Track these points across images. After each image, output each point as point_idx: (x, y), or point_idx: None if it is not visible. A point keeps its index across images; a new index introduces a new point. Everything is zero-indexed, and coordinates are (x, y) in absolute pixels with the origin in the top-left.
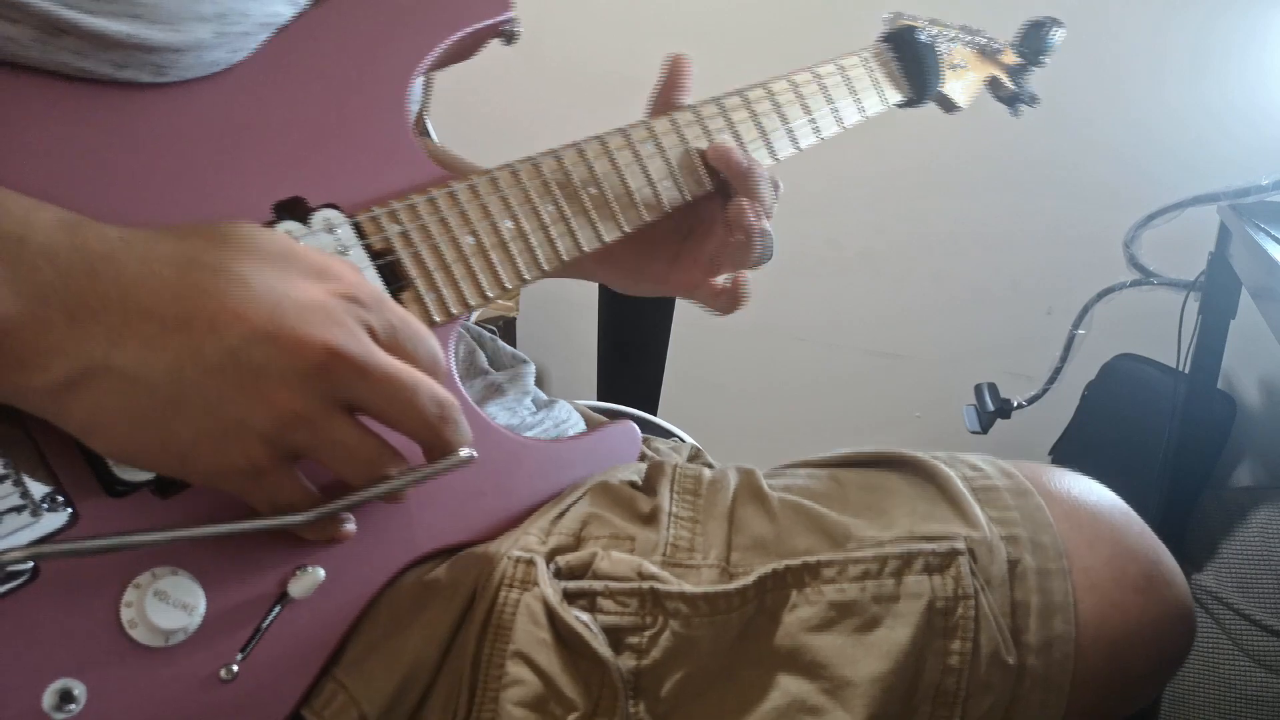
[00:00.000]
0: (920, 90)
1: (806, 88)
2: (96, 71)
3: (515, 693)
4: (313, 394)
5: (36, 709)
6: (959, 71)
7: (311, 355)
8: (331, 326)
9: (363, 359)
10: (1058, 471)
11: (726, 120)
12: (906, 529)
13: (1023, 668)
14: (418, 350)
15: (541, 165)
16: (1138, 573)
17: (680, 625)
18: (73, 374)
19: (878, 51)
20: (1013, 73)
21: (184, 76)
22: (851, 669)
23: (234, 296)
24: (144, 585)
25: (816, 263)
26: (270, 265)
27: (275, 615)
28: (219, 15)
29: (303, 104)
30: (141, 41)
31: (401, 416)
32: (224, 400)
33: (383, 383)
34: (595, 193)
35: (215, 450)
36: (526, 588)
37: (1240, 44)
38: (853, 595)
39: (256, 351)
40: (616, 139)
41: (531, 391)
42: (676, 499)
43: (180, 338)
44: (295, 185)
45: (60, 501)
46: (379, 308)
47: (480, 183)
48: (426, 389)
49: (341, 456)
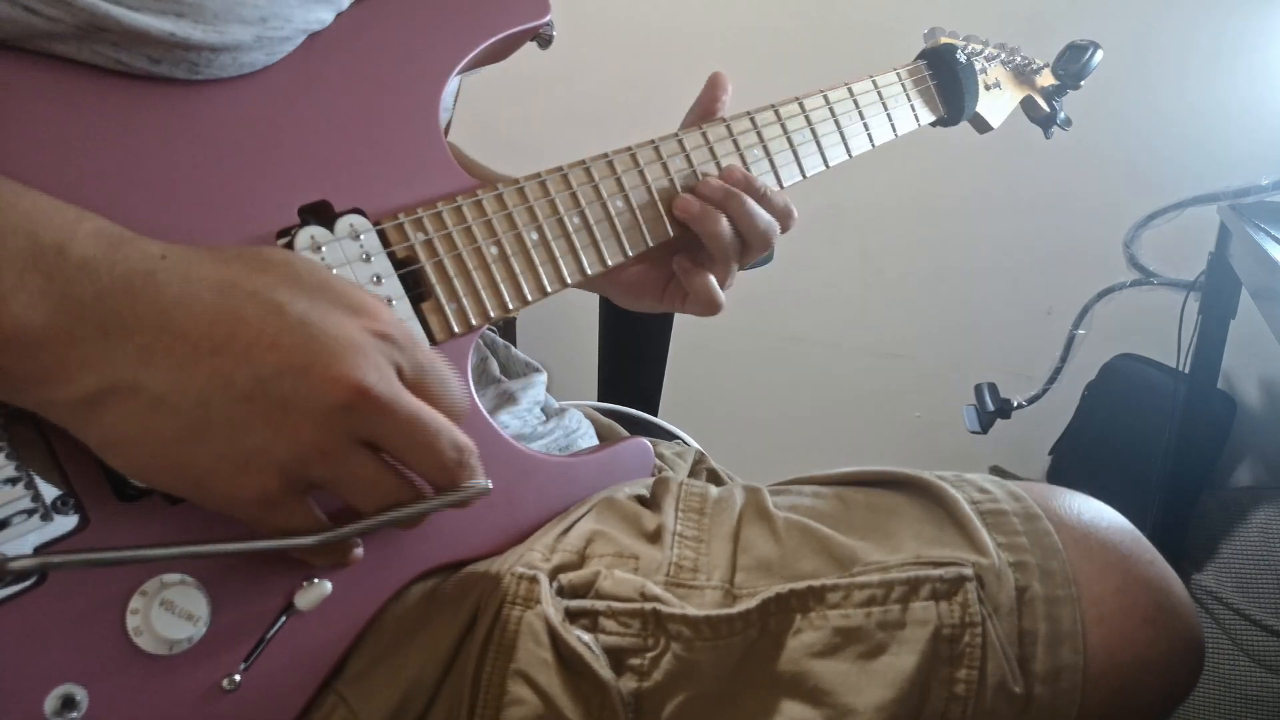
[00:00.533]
0: (956, 111)
1: (841, 105)
2: (133, 65)
3: (515, 712)
4: (336, 430)
5: (38, 714)
6: (994, 92)
7: (340, 393)
8: (362, 364)
9: (389, 400)
10: (1068, 495)
11: (759, 135)
12: (913, 553)
13: (1029, 697)
14: (445, 392)
15: (570, 176)
16: (1148, 603)
17: (682, 648)
18: (100, 389)
19: (914, 70)
20: (1048, 94)
21: (217, 76)
22: (855, 697)
23: (270, 325)
24: (150, 593)
25: (817, 263)
26: (307, 296)
27: (280, 627)
28: (261, 19)
29: (335, 106)
30: (183, 40)
31: (421, 459)
32: (249, 429)
33: (406, 424)
34: (621, 206)
35: (232, 478)
36: (529, 605)
37: (1240, 45)
38: (858, 621)
39: (286, 384)
40: (647, 153)
41: (543, 400)
42: (681, 517)
43: (212, 363)
44: (322, 189)
45: (70, 505)
46: (410, 348)
47: (507, 192)
48: (448, 434)
49: (358, 490)
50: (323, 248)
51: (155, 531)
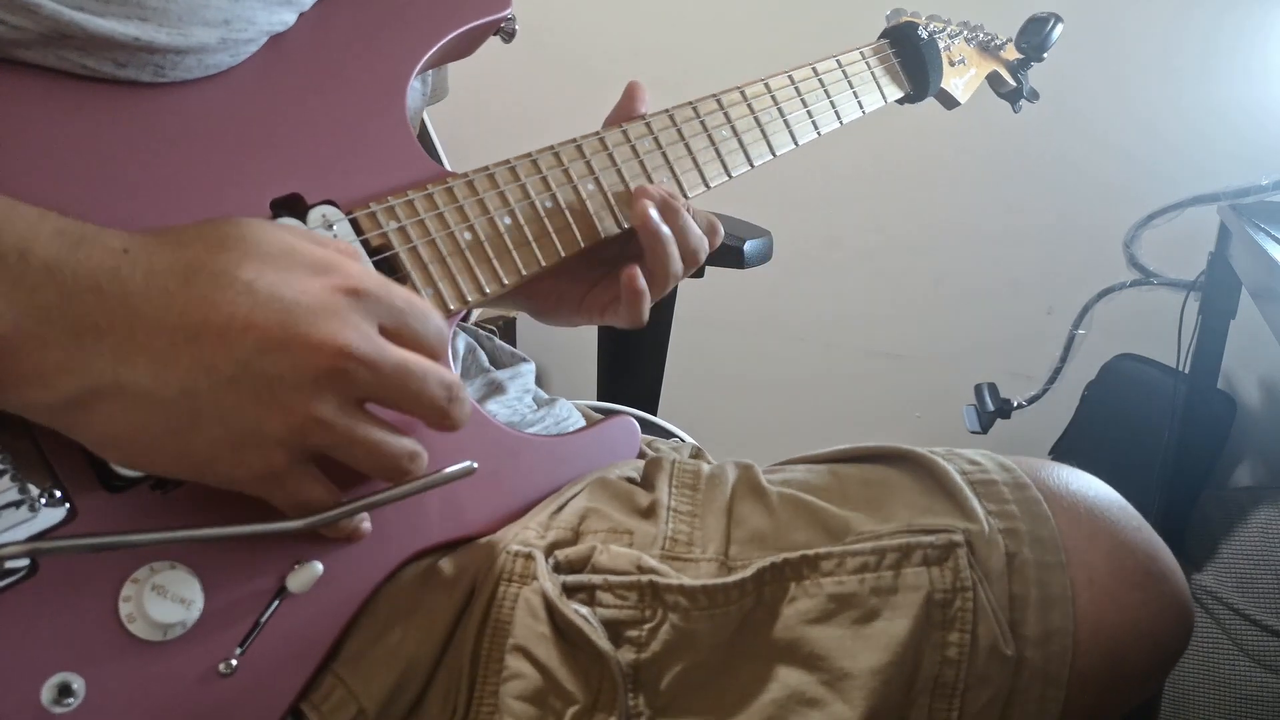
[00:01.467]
0: (921, 86)
1: (806, 84)
2: (99, 70)
3: (515, 686)
4: (328, 397)
5: (35, 703)
6: (959, 68)
7: (324, 360)
8: (341, 327)
9: (374, 356)
10: (1057, 466)
11: (725, 116)
12: (905, 521)
13: (1021, 660)
14: (427, 329)
15: (539, 161)
16: (1135, 568)
17: (679, 618)
18: (81, 392)
19: (878, 48)
20: (1013, 68)
21: (183, 78)
22: (850, 661)
23: (241, 305)
24: (142, 580)
25: (816, 262)
26: (272, 266)
27: (274, 610)
28: (225, 22)
29: (302, 103)
30: (147, 43)
31: (414, 404)
32: (239, 411)
33: (394, 376)
34: (592, 189)
35: (233, 459)
36: (525, 582)
37: (1240, 44)
38: (851, 588)
39: (269, 361)
40: (607, 138)
41: (532, 389)
42: (675, 493)
43: (190, 351)
44: (293, 182)
45: (58, 497)
46: (385, 295)
47: (478, 178)
48: (434, 375)
49: (360, 454)
50: None
51: (145, 520)
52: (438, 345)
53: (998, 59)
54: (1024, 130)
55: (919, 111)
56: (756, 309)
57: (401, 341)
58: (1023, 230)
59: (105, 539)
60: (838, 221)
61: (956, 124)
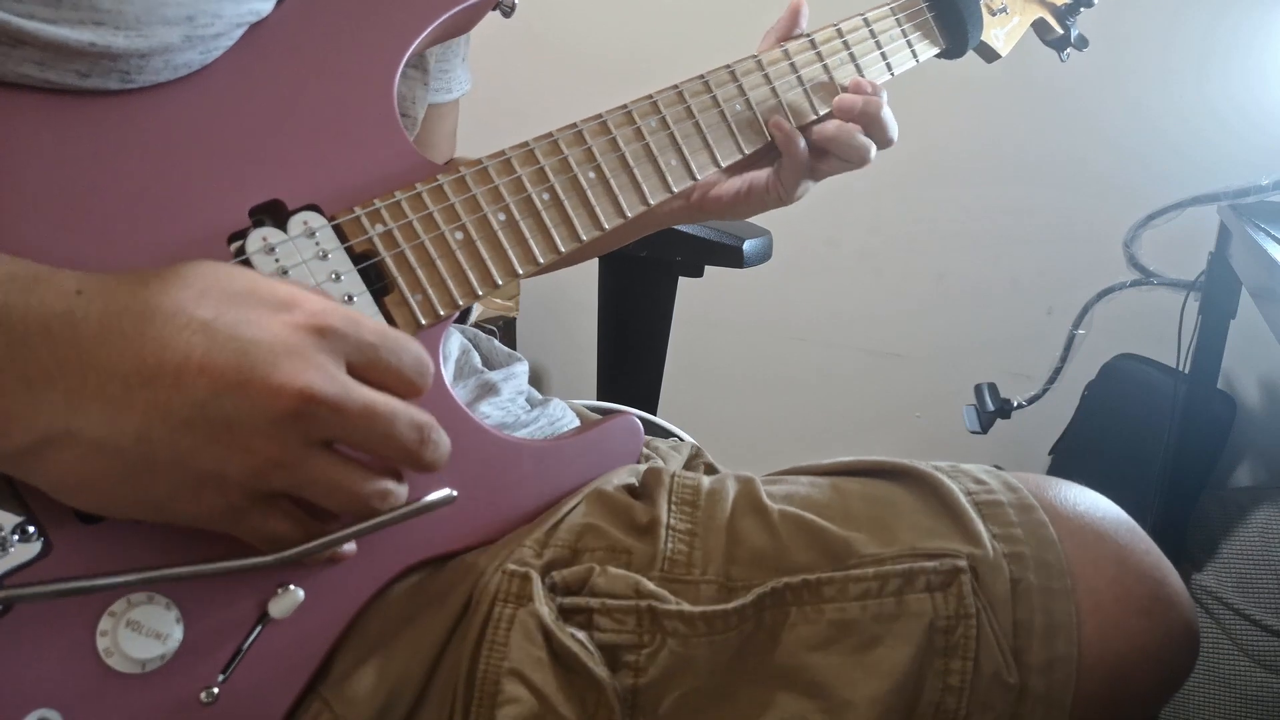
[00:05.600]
0: (959, 41)
1: (829, 47)
2: (61, 82)
3: (510, 711)
4: (289, 439)
5: None
6: (1001, 17)
7: (284, 402)
8: (302, 367)
9: (337, 398)
10: (1064, 486)
11: (739, 87)
12: (908, 545)
13: (1024, 688)
14: (402, 362)
15: (536, 150)
16: (1143, 594)
17: (678, 644)
18: (33, 441)
19: (909, 2)
20: (1060, 14)
21: (153, 81)
22: (851, 689)
23: (197, 346)
24: (118, 614)
25: (816, 262)
26: (232, 305)
27: (256, 636)
28: (188, 18)
29: (282, 99)
30: (105, 49)
31: (383, 447)
32: (196, 453)
33: (359, 418)
34: (593, 176)
35: (193, 500)
36: (522, 603)
37: (1241, 44)
38: (853, 614)
39: (226, 403)
40: (618, 117)
41: (526, 390)
42: (674, 510)
43: (145, 396)
44: (274, 187)
45: (31, 533)
46: (353, 331)
47: (469, 174)
48: (404, 416)
49: (323, 493)
50: (276, 249)
51: (122, 550)
52: (415, 378)
53: (1044, 4)
54: (1024, 130)
55: (919, 111)
56: (756, 308)
57: (373, 378)
58: (1023, 230)
59: (75, 584)
60: (838, 221)
61: (956, 125)
